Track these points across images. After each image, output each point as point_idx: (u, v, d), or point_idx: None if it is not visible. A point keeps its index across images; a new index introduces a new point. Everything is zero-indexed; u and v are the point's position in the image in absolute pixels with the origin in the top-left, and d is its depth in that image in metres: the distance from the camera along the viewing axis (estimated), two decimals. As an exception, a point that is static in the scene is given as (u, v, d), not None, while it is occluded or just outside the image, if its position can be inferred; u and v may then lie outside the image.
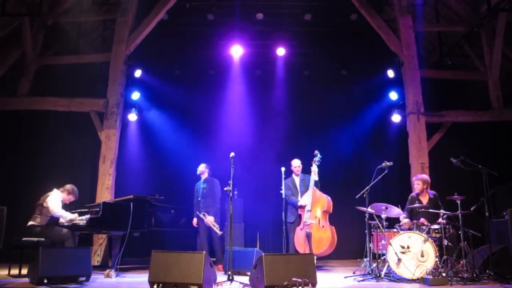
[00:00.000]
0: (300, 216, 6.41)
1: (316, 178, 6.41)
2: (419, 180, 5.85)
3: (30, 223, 5.40)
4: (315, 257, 4.54)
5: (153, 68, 8.50)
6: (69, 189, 5.76)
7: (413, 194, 5.95)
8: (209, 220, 6.36)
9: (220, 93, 8.72)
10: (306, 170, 6.65)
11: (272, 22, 8.55)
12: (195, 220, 6.65)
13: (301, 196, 6.46)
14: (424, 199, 5.76)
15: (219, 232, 6.13)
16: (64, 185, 5.79)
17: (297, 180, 6.64)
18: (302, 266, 4.19)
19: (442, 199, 5.62)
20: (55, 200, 5.51)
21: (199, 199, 6.66)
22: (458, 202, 5.00)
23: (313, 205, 6.30)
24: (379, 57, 8.33)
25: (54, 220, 5.54)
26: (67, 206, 5.76)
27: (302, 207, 6.35)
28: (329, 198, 6.41)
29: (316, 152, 6.48)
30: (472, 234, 5.08)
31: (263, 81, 9.06)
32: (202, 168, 6.83)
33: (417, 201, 5.73)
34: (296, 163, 6.69)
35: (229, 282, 4.52)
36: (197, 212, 6.58)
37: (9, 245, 5.22)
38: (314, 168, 6.43)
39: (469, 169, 5.10)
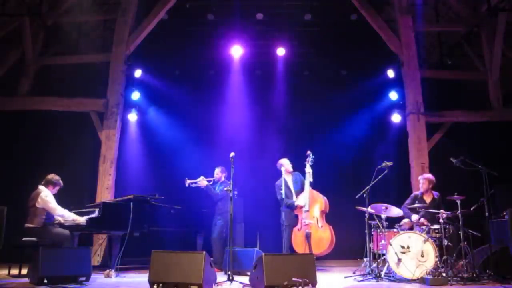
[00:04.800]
0: (295, 217, 6.35)
1: (311, 179, 6.33)
2: (425, 180, 5.86)
3: (27, 225, 5.32)
4: (314, 257, 4.53)
5: (153, 68, 8.49)
6: (52, 180, 5.53)
7: (417, 193, 5.95)
8: None
9: (220, 93, 8.70)
10: (302, 170, 6.57)
11: (272, 22, 8.55)
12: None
13: (296, 196, 6.40)
14: (428, 199, 5.77)
15: None
16: (45, 179, 5.54)
17: (289, 180, 6.52)
18: (302, 266, 4.19)
19: (443, 200, 5.62)
20: (52, 200, 5.37)
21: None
22: (458, 202, 5.01)
23: (310, 205, 6.27)
24: (379, 57, 8.33)
25: (51, 221, 5.45)
26: (67, 207, 5.73)
27: (300, 207, 6.31)
28: (325, 198, 6.39)
29: (309, 152, 6.40)
30: (472, 234, 5.08)
31: (263, 81, 9.05)
32: (218, 175, 6.71)
33: (418, 201, 5.73)
34: (288, 162, 6.54)
35: (229, 282, 4.52)
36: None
37: (9, 245, 5.20)
38: (308, 169, 6.36)
39: (469, 169, 5.09)
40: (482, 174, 4.96)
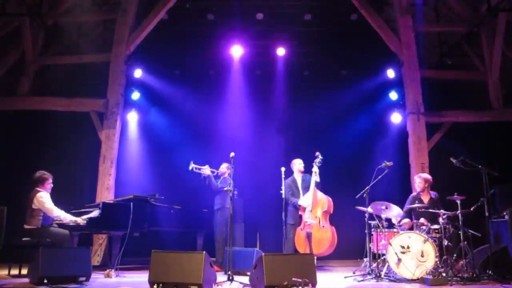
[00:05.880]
0: (300, 217, 6.40)
1: (318, 179, 6.40)
2: (421, 179, 5.87)
3: (25, 227, 5.29)
4: (315, 257, 4.53)
5: (153, 68, 8.49)
6: (38, 179, 5.44)
7: (413, 194, 5.96)
8: None
9: (220, 93, 8.71)
10: (306, 171, 6.65)
11: (272, 22, 8.56)
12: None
13: (303, 195, 6.46)
14: (425, 199, 5.77)
15: None
16: (34, 178, 5.45)
17: (298, 179, 6.63)
18: (302, 266, 4.19)
19: (442, 200, 5.61)
20: (48, 201, 5.31)
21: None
22: (458, 202, 5.01)
23: (313, 205, 6.30)
24: (379, 57, 8.33)
25: (49, 222, 5.40)
26: (67, 207, 5.72)
27: (302, 207, 6.34)
28: (329, 198, 6.41)
29: (318, 153, 6.45)
30: (472, 234, 5.08)
31: (263, 81, 9.06)
32: (223, 170, 6.74)
33: (417, 201, 5.74)
34: (299, 162, 6.66)
35: (229, 282, 4.52)
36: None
37: (9, 245, 5.20)
38: (315, 169, 6.41)
39: (469, 169, 5.09)
40: (482, 174, 4.96)
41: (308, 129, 8.67)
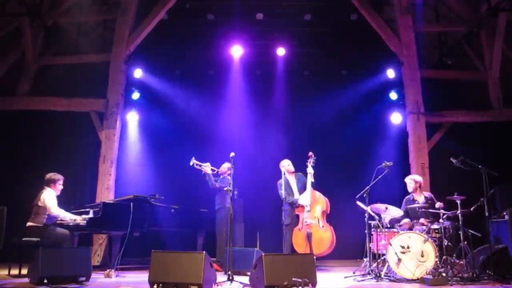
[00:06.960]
0: (297, 217, 6.38)
1: (312, 180, 6.39)
2: (412, 180, 5.93)
3: (29, 224, 5.35)
4: (314, 257, 4.53)
5: (153, 68, 8.49)
6: (50, 179, 5.55)
7: (407, 196, 5.97)
8: None
9: (220, 93, 8.71)
10: (302, 170, 6.62)
11: (272, 22, 8.55)
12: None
13: (299, 195, 6.44)
14: (420, 199, 5.78)
15: None
16: (46, 179, 5.56)
17: (291, 179, 6.57)
18: (302, 266, 4.19)
19: (440, 200, 5.61)
20: (51, 199, 5.40)
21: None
22: (458, 202, 5.01)
23: (312, 205, 6.30)
24: (379, 57, 8.33)
25: (53, 221, 5.47)
26: (67, 207, 5.73)
27: (301, 206, 6.33)
28: (326, 199, 6.41)
29: (311, 153, 6.45)
30: (472, 234, 5.08)
31: (263, 81, 9.05)
32: (224, 169, 6.76)
33: (411, 203, 5.75)
34: (288, 164, 6.58)
35: (229, 282, 4.52)
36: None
37: (9, 245, 5.21)
38: (310, 170, 6.40)
39: (469, 169, 5.09)
40: (482, 174, 4.96)
41: (308, 129, 8.67)
